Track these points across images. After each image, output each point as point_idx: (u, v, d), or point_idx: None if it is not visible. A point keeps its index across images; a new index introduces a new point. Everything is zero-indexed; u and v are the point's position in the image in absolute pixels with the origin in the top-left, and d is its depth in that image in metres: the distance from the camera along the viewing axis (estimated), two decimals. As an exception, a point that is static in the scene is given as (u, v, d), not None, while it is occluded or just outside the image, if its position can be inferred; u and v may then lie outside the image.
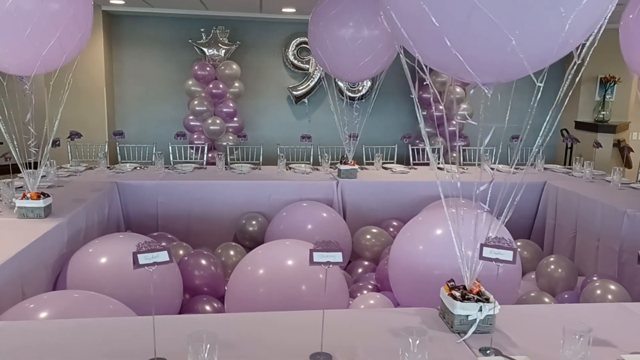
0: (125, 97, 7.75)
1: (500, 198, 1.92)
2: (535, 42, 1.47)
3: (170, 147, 5.83)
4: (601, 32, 1.57)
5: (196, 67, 7.04)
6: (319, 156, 6.37)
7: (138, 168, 5.00)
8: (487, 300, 1.81)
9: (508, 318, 1.93)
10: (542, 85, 1.75)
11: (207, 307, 3.38)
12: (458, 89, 7.40)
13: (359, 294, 3.48)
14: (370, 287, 3.74)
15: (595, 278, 3.53)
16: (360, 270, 4.17)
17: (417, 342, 1.36)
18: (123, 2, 6.58)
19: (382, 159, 5.54)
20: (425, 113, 7.65)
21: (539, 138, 1.82)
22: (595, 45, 1.59)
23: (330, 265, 1.71)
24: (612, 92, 7.94)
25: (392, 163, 6.06)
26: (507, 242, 1.71)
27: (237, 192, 4.57)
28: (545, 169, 5.46)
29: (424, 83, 1.97)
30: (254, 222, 4.44)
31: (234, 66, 7.12)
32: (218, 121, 7.13)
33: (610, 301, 3.09)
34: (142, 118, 7.76)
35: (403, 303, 3.11)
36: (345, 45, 4.19)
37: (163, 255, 1.50)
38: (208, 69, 7.07)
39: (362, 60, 4.26)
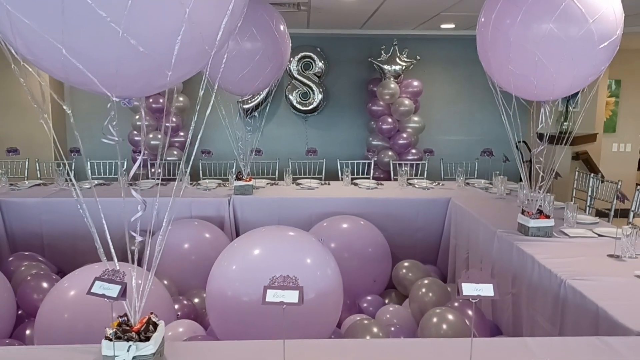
0: (78, 113, 7.77)
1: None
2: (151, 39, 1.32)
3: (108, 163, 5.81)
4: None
5: (137, 83, 7.00)
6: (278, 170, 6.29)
7: (41, 185, 4.95)
8: (147, 339, 1.62)
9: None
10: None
11: (39, 332, 3.25)
12: (407, 101, 7.14)
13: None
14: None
15: (456, 304, 3.26)
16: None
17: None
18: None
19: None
20: (375, 125, 7.42)
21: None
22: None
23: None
24: (576, 102, 7.55)
25: (312, 178, 5.83)
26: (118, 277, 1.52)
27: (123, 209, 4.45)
28: (467, 184, 5.16)
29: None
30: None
31: (176, 81, 7.06)
32: (159, 136, 7.06)
33: (445, 332, 2.82)
34: (94, 134, 7.75)
35: (217, 332, 2.92)
36: (219, 58, 4.04)
37: None
38: (149, 84, 7.03)
39: (240, 72, 4.11)
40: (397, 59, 7.19)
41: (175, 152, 7.27)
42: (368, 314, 3.65)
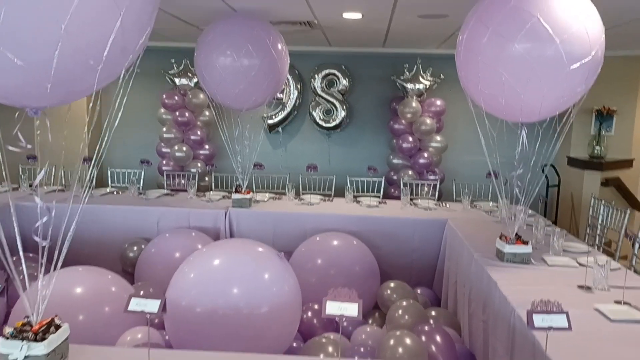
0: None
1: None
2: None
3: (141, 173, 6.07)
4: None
5: (164, 96, 7.29)
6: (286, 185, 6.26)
7: (57, 191, 5.22)
8: (43, 339, 1.69)
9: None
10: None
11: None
12: (428, 121, 7.05)
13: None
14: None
15: (427, 328, 3.17)
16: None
17: None
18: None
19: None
20: (396, 144, 7.35)
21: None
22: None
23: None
24: (611, 126, 7.21)
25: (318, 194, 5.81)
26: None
27: (126, 217, 4.63)
28: (474, 206, 5.02)
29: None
30: (135, 248, 4.45)
31: (201, 95, 7.27)
32: (184, 148, 7.30)
33: (400, 355, 2.75)
34: (125, 145, 8.10)
35: (172, 340, 2.96)
36: (217, 73, 4.17)
37: None
38: (176, 97, 7.29)
39: (237, 87, 4.21)
40: (421, 78, 7.13)
41: (199, 164, 7.48)
42: (345, 333, 3.61)
